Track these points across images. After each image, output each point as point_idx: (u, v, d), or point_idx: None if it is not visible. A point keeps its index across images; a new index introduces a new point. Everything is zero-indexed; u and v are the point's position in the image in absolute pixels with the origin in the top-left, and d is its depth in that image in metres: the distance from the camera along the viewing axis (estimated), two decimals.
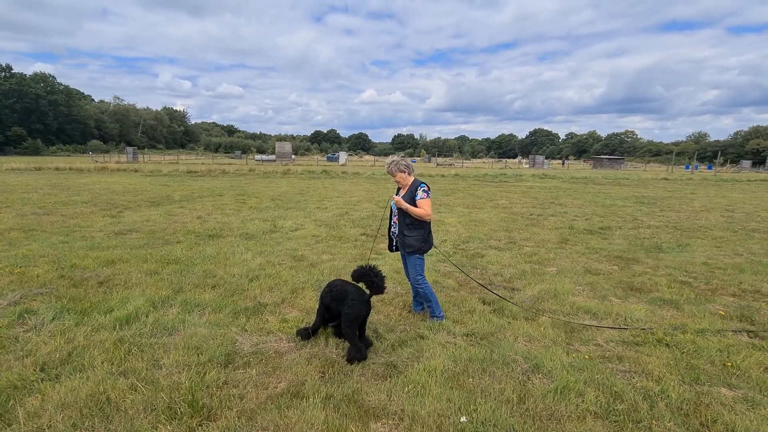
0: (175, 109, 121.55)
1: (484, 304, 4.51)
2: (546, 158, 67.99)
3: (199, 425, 2.43)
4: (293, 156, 57.65)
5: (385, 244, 4.29)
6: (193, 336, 3.51)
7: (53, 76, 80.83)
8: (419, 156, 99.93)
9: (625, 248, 7.33)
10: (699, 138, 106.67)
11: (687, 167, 56.63)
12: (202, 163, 38.14)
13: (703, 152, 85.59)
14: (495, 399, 2.74)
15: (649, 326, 3.98)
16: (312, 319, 3.78)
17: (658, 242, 7.85)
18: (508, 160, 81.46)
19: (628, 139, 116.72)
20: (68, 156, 57.35)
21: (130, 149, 47.44)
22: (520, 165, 58.92)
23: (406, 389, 2.82)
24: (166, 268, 5.45)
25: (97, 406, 2.56)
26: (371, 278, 3.35)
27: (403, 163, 4.00)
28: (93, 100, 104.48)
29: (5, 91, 69.61)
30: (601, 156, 73.79)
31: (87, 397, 2.62)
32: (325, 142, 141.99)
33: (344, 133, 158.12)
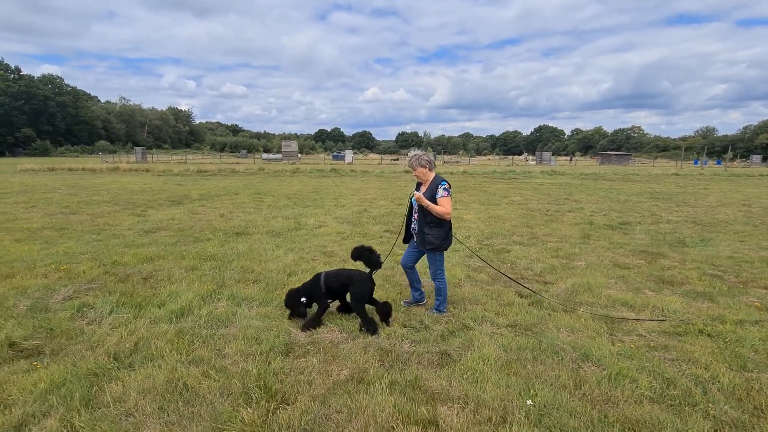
0: (179, 109, 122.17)
1: (521, 297, 4.61)
2: (552, 155, 67.78)
3: (277, 408, 2.56)
4: (299, 155, 57.80)
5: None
6: (248, 328, 3.65)
7: (61, 78, 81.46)
8: None
9: (648, 243, 7.39)
10: (707, 133, 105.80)
11: (696, 162, 56.21)
12: (211, 163, 38.43)
13: (711, 147, 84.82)
14: (552, 385, 2.85)
15: (687, 317, 4.06)
16: None
17: (681, 237, 7.90)
18: (514, 156, 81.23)
19: (635, 135, 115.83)
20: (77, 156, 57.88)
21: (138, 149, 47.82)
22: (526, 162, 58.73)
23: (465, 376, 2.94)
24: (204, 264, 5.60)
25: (177, 391, 2.70)
26: (368, 255, 3.84)
27: (425, 158, 3.90)
28: (99, 101, 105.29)
29: (14, 93, 70.26)
30: (609, 152, 73.37)
31: (165, 383, 2.76)
32: (329, 140, 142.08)
33: (348, 132, 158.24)
